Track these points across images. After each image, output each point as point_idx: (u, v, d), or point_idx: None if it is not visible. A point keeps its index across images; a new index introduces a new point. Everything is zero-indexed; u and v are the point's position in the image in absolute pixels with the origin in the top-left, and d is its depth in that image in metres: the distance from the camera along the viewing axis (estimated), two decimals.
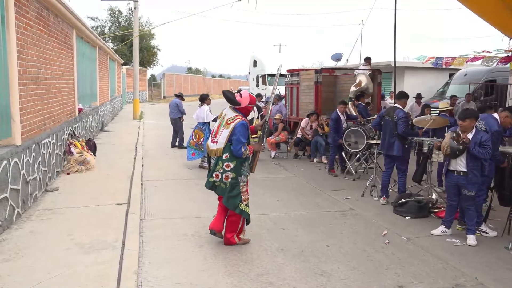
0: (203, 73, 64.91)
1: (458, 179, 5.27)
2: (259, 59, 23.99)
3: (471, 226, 5.24)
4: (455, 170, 5.29)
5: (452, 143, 5.16)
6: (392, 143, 6.73)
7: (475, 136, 5.15)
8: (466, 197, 5.24)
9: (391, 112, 6.84)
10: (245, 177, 4.78)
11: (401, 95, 7.12)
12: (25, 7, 6.14)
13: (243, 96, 4.75)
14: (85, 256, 4.34)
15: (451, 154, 5.22)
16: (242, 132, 4.60)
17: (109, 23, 36.66)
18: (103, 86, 16.99)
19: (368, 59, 11.72)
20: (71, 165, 8.23)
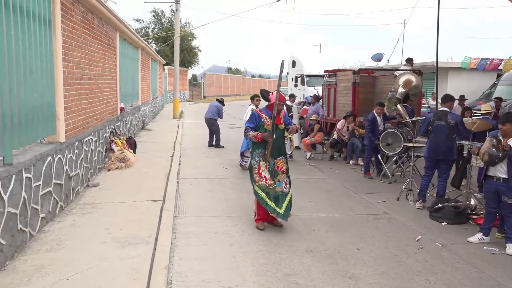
0: (242, 73, 65.42)
1: (497, 186, 5.09)
2: (298, 59, 23.88)
3: (511, 234, 5.03)
4: (494, 176, 5.11)
5: (491, 151, 5.00)
6: (451, 147, 6.56)
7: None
8: (507, 204, 5.05)
9: (443, 116, 6.59)
10: (256, 162, 5.52)
11: (447, 98, 6.87)
12: (71, 11, 6.47)
13: (273, 95, 5.52)
14: (120, 249, 4.54)
15: (490, 162, 5.06)
16: (250, 119, 5.60)
17: (153, 24, 37.72)
18: (144, 86, 17.53)
19: (410, 60, 11.37)
20: (111, 162, 8.58)
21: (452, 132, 6.48)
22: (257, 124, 5.52)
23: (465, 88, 15.87)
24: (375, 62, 18.36)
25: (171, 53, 30.44)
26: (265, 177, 5.43)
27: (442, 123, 6.59)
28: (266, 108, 5.61)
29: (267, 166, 5.50)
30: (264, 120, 5.51)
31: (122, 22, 10.24)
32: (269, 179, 5.44)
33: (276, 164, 5.54)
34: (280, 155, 5.58)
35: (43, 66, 5.23)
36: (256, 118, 5.56)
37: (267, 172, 5.47)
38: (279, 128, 5.56)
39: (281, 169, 5.53)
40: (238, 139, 14.27)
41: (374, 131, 8.77)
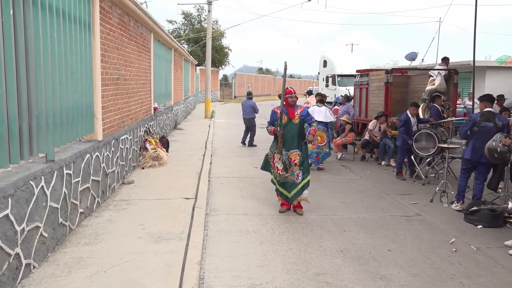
0: (273, 73, 65.45)
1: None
2: (329, 59, 23.74)
3: None
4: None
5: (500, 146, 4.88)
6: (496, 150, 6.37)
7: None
8: None
9: (491, 117, 6.38)
10: (271, 153, 6.23)
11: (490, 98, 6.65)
12: (109, 14, 6.71)
13: None
14: (154, 245, 4.68)
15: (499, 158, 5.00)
16: (270, 116, 6.25)
17: (184, 26, 38.31)
18: (177, 86, 17.86)
19: (446, 59, 11.05)
20: (145, 160, 8.81)
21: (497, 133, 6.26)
22: (274, 120, 6.14)
23: (504, 88, 15.32)
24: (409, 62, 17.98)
25: (203, 54, 30.86)
26: (277, 167, 6.12)
27: (490, 124, 6.34)
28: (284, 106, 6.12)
29: (281, 157, 6.07)
30: (279, 115, 6.06)
31: (157, 24, 10.49)
32: (280, 169, 6.07)
33: (289, 156, 6.02)
34: (295, 148, 6.02)
35: (82, 67, 5.45)
36: (272, 114, 6.20)
37: (280, 163, 6.09)
38: (293, 122, 6.04)
39: (294, 162, 5.97)
40: (269, 139, 14.33)
41: (407, 131, 8.62)
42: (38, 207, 4.01)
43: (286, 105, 6.09)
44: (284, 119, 6.04)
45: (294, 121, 6.04)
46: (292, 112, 6.10)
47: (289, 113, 6.09)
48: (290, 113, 6.08)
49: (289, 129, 6.03)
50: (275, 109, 6.19)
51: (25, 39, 3.84)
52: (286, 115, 6.06)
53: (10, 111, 3.60)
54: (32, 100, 3.97)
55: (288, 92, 6.09)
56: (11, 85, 3.59)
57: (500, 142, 5.02)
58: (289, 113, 6.09)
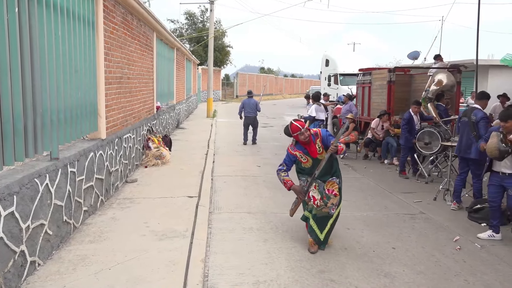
0: (275, 73, 65.43)
1: (502, 179, 5.22)
2: (331, 58, 23.70)
3: None
4: (499, 171, 5.23)
5: (501, 146, 5.02)
6: (470, 145, 6.38)
7: None
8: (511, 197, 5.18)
9: (469, 112, 6.49)
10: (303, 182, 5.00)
11: (482, 96, 6.70)
12: (112, 12, 6.71)
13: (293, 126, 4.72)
14: (158, 242, 4.69)
15: (500, 157, 5.10)
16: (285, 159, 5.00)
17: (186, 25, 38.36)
18: (179, 85, 17.87)
19: (439, 57, 11.13)
20: (148, 159, 8.82)
21: (473, 129, 6.30)
22: (292, 165, 4.94)
23: (507, 87, 15.25)
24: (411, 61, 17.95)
25: (205, 53, 30.92)
26: (313, 196, 4.77)
27: (466, 119, 6.49)
28: (299, 144, 4.83)
29: (316, 185, 4.81)
30: (300, 159, 4.81)
31: (159, 23, 10.49)
32: (318, 199, 4.75)
33: (326, 187, 4.78)
34: (331, 176, 4.80)
35: (86, 66, 5.46)
36: (290, 158, 4.86)
37: (317, 192, 4.79)
38: (319, 158, 4.73)
39: (333, 193, 4.74)
40: (271, 138, 14.37)
41: (410, 130, 8.61)
42: (42, 204, 4.02)
43: (302, 144, 4.78)
44: (307, 162, 4.80)
45: (320, 157, 4.72)
46: (313, 148, 4.74)
47: (310, 151, 4.76)
48: (312, 151, 4.76)
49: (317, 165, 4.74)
50: (290, 150, 4.87)
51: (30, 37, 3.85)
52: (307, 156, 4.78)
53: (15, 109, 3.61)
54: (37, 98, 3.98)
55: (295, 130, 4.65)
56: (16, 83, 3.60)
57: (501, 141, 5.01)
58: (310, 152, 4.76)
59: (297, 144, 4.85)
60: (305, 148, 4.77)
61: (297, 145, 4.85)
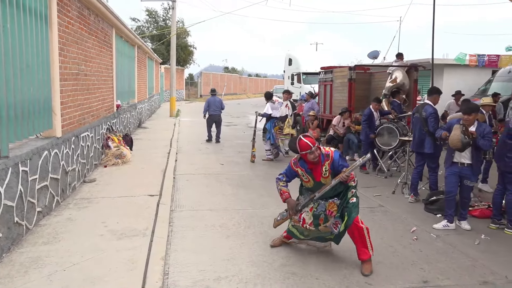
0: (239, 72, 65.42)
1: (461, 170, 5.47)
2: (294, 58, 23.94)
3: (465, 214, 5.59)
4: (458, 162, 5.48)
5: (463, 138, 5.27)
6: (423, 140, 6.60)
7: (478, 128, 5.35)
8: (467, 187, 5.50)
9: (420, 108, 6.72)
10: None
11: (432, 91, 6.94)
12: (67, 6, 6.47)
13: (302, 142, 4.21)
14: (117, 242, 4.56)
15: (462, 148, 5.35)
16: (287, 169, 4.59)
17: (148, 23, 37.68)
18: (141, 84, 17.52)
19: (400, 55, 11.50)
20: (108, 158, 8.59)
21: (424, 125, 6.53)
22: (293, 178, 4.55)
23: (461, 85, 15.93)
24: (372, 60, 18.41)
25: (167, 52, 30.43)
26: (303, 219, 4.36)
27: (417, 115, 6.74)
28: (303, 160, 4.33)
29: (313, 207, 4.36)
30: (301, 176, 4.39)
31: (119, 19, 10.23)
32: (308, 223, 4.32)
33: (327, 207, 4.28)
34: (333, 197, 4.31)
35: (39, 60, 5.24)
36: (291, 172, 4.46)
37: (309, 214, 4.35)
38: (323, 182, 4.27)
39: (332, 214, 4.23)
40: (235, 137, 14.34)
41: (370, 126, 8.81)
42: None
43: (307, 162, 4.29)
44: (308, 182, 4.36)
45: (324, 181, 4.26)
46: (318, 171, 4.24)
47: (314, 172, 4.28)
48: (315, 173, 4.27)
49: (319, 188, 4.31)
50: (292, 165, 4.43)
51: None
52: (309, 176, 4.31)
53: None
54: None
55: (304, 147, 4.13)
56: None
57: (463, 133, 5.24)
58: (313, 173, 4.28)
59: (301, 160, 4.35)
60: (309, 168, 4.28)
61: (300, 160, 4.36)
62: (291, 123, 10.42)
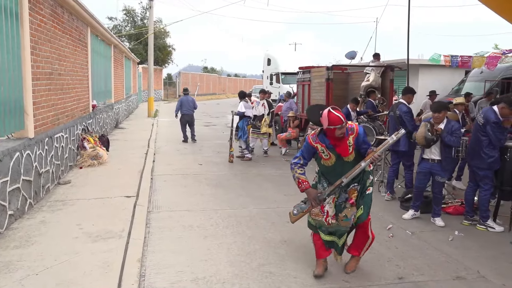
0: (218, 72, 65.22)
1: (432, 166, 5.68)
2: (273, 58, 24.00)
3: (438, 210, 5.74)
4: (429, 159, 5.70)
5: (427, 134, 5.51)
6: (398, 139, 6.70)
7: (446, 126, 5.60)
8: (438, 183, 5.69)
9: (395, 107, 6.83)
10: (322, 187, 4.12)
11: (406, 90, 7.06)
12: (39, 4, 6.32)
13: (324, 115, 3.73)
14: (92, 244, 4.47)
15: (426, 145, 5.59)
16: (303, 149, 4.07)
17: (125, 23, 37.16)
18: (118, 84, 17.26)
19: (377, 55, 11.69)
20: (83, 159, 8.42)
21: (398, 123, 6.66)
22: (310, 158, 4.02)
23: (436, 85, 16.27)
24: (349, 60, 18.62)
25: (145, 52, 30.04)
26: (327, 212, 3.95)
27: (392, 114, 6.92)
28: (324, 135, 3.88)
29: (335, 198, 3.96)
30: (320, 153, 3.90)
31: (94, 18, 10.05)
32: (331, 216, 3.94)
33: (349, 195, 3.93)
34: (354, 183, 3.93)
35: (9, 59, 5.09)
36: (308, 149, 3.94)
37: (332, 206, 3.95)
38: (346, 160, 3.87)
39: (350, 201, 3.89)
40: (214, 136, 14.28)
41: None
42: None
43: (330, 137, 3.83)
44: (329, 158, 3.89)
45: (347, 159, 3.86)
46: (345, 147, 3.82)
47: (338, 148, 3.84)
48: (341, 149, 3.84)
49: (340, 168, 3.87)
50: (310, 140, 3.94)
51: None
52: (331, 152, 3.86)
53: None
54: None
55: (335, 121, 3.67)
56: None
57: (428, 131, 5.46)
58: (337, 149, 3.85)
59: (320, 135, 3.89)
60: (331, 143, 3.84)
61: (320, 135, 3.89)
62: (268, 121, 10.46)
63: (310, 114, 3.97)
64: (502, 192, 5.61)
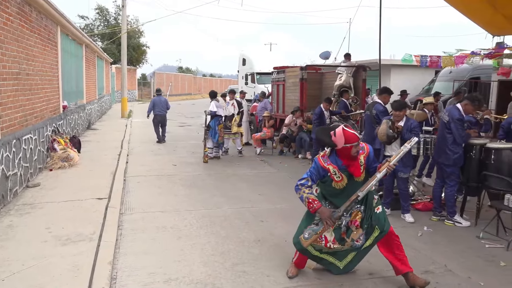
0: (194, 72, 64.80)
1: None
2: (248, 58, 24.01)
3: (407, 206, 5.92)
4: (390, 155, 5.67)
5: (388, 131, 5.71)
6: (374, 137, 6.84)
7: (406, 123, 5.78)
8: (401, 179, 5.88)
9: (371, 107, 6.97)
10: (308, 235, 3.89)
11: (382, 91, 7.21)
12: (5, 2, 6.14)
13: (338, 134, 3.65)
14: (61, 248, 4.38)
15: (388, 141, 5.80)
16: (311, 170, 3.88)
17: (98, 21, 36.47)
18: (90, 84, 16.93)
19: (348, 56, 11.90)
20: (54, 161, 8.23)
21: (374, 122, 6.82)
22: (317, 180, 3.87)
23: (407, 84, 16.65)
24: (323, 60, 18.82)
25: (118, 51, 29.54)
26: (325, 237, 3.81)
27: (368, 113, 7.08)
28: (335, 155, 3.76)
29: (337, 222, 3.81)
30: (332, 175, 3.74)
31: (64, 16, 9.83)
32: (331, 241, 3.78)
33: (351, 218, 3.80)
34: (357, 205, 3.78)
35: None
36: (319, 171, 3.77)
37: (331, 231, 3.79)
38: (357, 180, 3.77)
39: (355, 224, 3.77)
40: (189, 137, 14.19)
41: (321, 124, 9.01)
42: None
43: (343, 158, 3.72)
44: (340, 181, 3.75)
45: (358, 179, 3.77)
46: (357, 166, 3.74)
47: (351, 168, 3.74)
48: (353, 170, 3.74)
49: (350, 190, 3.75)
50: (321, 162, 3.77)
51: None
52: (343, 174, 3.74)
53: None
54: None
55: (352, 139, 3.61)
56: None
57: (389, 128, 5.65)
58: (350, 169, 3.74)
59: (332, 156, 3.77)
60: (344, 163, 3.71)
61: (331, 156, 3.77)
62: (238, 121, 10.47)
63: (321, 136, 3.79)
64: (468, 188, 5.79)
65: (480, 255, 4.65)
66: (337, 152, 3.71)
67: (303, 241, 3.84)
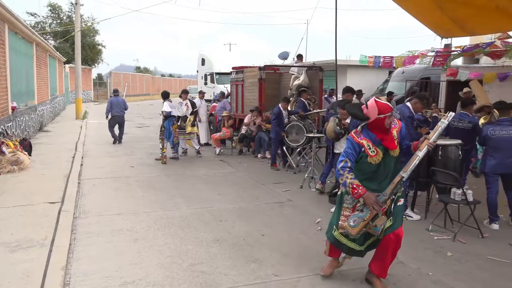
0: (152, 73, 63.67)
1: None
2: (207, 58, 23.88)
3: None
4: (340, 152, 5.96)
5: (336, 128, 5.99)
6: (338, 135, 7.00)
7: (352, 120, 5.98)
8: None
9: (334, 105, 7.14)
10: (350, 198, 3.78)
11: (345, 90, 7.37)
12: None
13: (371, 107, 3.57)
14: (10, 254, 4.20)
15: (336, 138, 6.07)
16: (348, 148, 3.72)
17: (50, 19, 35.09)
18: (41, 84, 16.27)
19: (300, 56, 12.23)
20: (2, 165, 7.84)
21: None
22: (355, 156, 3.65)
23: (362, 84, 17.17)
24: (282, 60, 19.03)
25: (72, 50, 28.54)
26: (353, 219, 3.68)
27: (332, 111, 7.26)
28: (368, 129, 3.68)
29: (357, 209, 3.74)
30: (367, 150, 3.61)
31: (11, 13, 9.41)
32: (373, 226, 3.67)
33: None
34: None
35: None
36: (355, 148, 3.63)
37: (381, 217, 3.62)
38: (392, 154, 3.65)
39: (383, 210, 3.60)
40: (147, 138, 13.94)
41: (280, 124, 9.11)
42: None
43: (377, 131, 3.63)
44: (375, 155, 3.61)
45: (393, 153, 3.65)
46: (392, 140, 3.63)
47: (386, 141, 3.61)
48: (388, 143, 3.61)
49: (386, 166, 3.65)
50: (355, 137, 3.66)
51: None
52: (378, 147, 3.61)
53: None
54: None
55: (385, 109, 3.55)
56: None
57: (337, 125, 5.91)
58: (385, 142, 3.61)
59: (364, 130, 3.67)
60: (378, 137, 3.60)
61: (363, 131, 3.67)
62: (192, 121, 10.40)
63: (353, 110, 3.74)
64: (419, 183, 6.05)
65: (429, 246, 4.87)
66: (370, 126, 3.65)
67: (350, 229, 3.65)
